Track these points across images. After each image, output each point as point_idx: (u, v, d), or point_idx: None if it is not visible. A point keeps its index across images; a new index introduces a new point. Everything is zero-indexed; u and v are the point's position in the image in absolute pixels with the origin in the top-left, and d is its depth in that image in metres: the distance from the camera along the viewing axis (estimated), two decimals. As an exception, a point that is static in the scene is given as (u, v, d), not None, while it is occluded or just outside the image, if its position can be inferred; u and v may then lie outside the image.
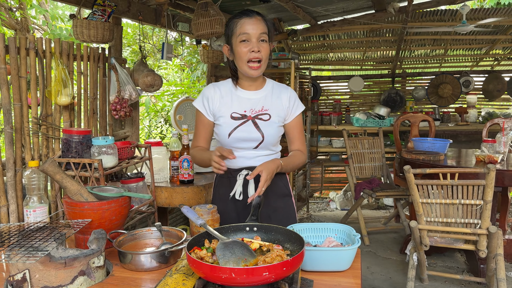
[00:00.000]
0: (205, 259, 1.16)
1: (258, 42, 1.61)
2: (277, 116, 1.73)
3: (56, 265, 1.20)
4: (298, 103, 1.80)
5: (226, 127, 1.69)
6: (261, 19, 1.63)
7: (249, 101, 1.72)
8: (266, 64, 1.68)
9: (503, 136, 3.44)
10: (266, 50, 1.63)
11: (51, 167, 1.52)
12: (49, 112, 2.42)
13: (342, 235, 1.47)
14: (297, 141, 1.81)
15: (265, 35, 1.62)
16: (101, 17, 2.59)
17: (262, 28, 1.61)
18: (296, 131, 1.80)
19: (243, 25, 1.60)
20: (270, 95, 1.75)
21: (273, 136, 1.72)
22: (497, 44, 5.50)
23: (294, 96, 1.80)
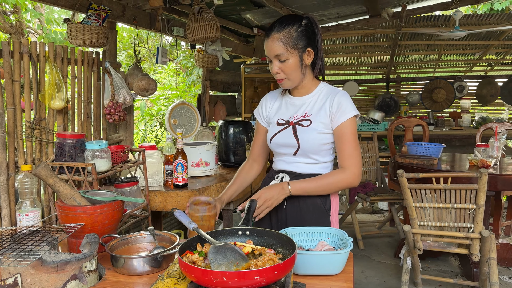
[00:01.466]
0: (197, 263, 1.16)
1: (277, 62, 1.58)
2: (319, 122, 1.62)
3: (48, 269, 1.20)
4: (346, 107, 1.59)
5: (270, 132, 1.73)
6: (276, 37, 1.55)
7: (294, 107, 1.69)
8: (298, 75, 1.61)
9: (496, 140, 3.46)
10: (289, 67, 1.58)
11: (44, 171, 1.52)
12: (42, 116, 2.42)
13: (335, 239, 1.47)
14: (342, 154, 1.60)
15: (284, 55, 1.55)
16: (96, 21, 2.60)
17: (277, 49, 1.55)
18: (342, 142, 1.60)
19: (265, 47, 1.61)
20: (315, 100, 1.66)
21: (310, 143, 1.62)
22: (490, 49, 5.55)
23: (342, 100, 1.61)
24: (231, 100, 5.45)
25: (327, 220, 1.69)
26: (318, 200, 1.67)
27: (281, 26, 1.56)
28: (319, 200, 1.67)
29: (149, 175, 2.65)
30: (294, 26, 1.56)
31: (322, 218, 1.67)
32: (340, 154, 1.62)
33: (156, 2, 2.98)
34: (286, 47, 1.55)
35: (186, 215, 1.38)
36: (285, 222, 1.69)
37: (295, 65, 1.58)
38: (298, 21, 1.58)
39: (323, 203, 1.68)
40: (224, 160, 3.26)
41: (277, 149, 1.73)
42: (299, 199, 1.66)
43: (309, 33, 1.58)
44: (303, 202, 1.67)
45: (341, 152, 1.61)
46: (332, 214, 1.71)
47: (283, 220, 1.70)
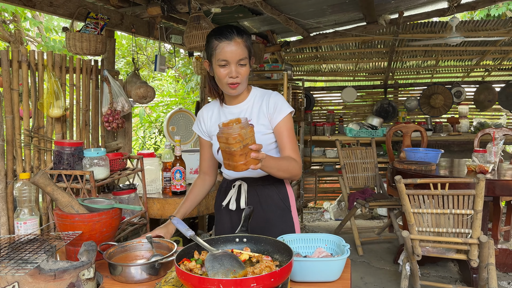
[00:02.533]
0: (194, 270, 1.16)
1: (237, 67, 1.59)
2: (261, 125, 1.67)
3: (46, 277, 1.20)
4: (282, 105, 1.66)
5: (215, 145, 1.73)
6: (241, 41, 1.58)
7: (233, 115, 1.71)
8: (247, 81, 1.67)
9: (493, 146, 3.47)
10: (245, 72, 1.61)
11: (42, 179, 1.52)
12: (41, 124, 2.42)
13: (332, 246, 1.47)
14: (286, 148, 1.66)
15: (245, 60, 1.59)
16: (94, 30, 2.62)
17: (241, 53, 1.58)
18: (283, 137, 1.66)
19: (222, 50, 1.57)
20: (253, 105, 1.71)
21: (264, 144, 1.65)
22: (487, 55, 5.58)
23: (277, 99, 1.68)
24: (230, 106, 5.45)
25: (289, 216, 1.77)
26: (278, 199, 1.75)
27: (240, 33, 1.60)
28: (279, 198, 1.75)
29: (147, 182, 2.65)
30: (248, 35, 1.63)
31: (285, 216, 1.76)
32: (282, 150, 1.67)
33: (154, 11, 3.00)
34: (247, 52, 1.61)
35: (183, 223, 1.38)
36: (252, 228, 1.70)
37: (248, 70, 1.62)
38: (247, 32, 1.65)
39: (283, 201, 1.76)
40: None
41: None
42: (261, 202, 1.72)
43: (251, 48, 1.65)
44: (265, 204, 1.73)
45: (283, 148, 1.67)
46: (293, 210, 1.79)
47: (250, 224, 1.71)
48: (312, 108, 6.11)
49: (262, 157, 1.33)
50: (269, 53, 5.23)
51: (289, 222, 1.77)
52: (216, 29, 1.63)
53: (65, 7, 2.53)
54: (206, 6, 3.09)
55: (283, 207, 1.77)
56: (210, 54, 1.63)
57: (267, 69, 4.57)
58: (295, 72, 6.23)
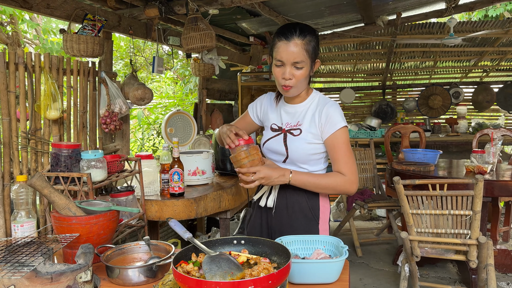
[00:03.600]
0: (192, 273, 1.15)
1: (292, 68, 1.55)
2: (309, 132, 1.63)
3: (43, 280, 1.19)
4: (334, 119, 1.60)
5: (264, 137, 1.77)
6: (300, 43, 1.53)
7: (288, 114, 1.70)
8: (304, 84, 1.62)
9: (492, 146, 3.48)
10: (301, 75, 1.56)
11: (39, 181, 1.51)
12: (38, 126, 2.42)
13: (331, 247, 1.47)
14: (338, 162, 1.61)
15: (302, 63, 1.54)
16: (91, 31, 2.61)
17: (298, 56, 1.53)
18: (334, 151, 1.61)
19: (279, 49, 1.55)
20: (307, 109, 1.67)
21: (299, 152, 1.64)
22: (485, 56, 5.59)
23: (331, 111, 1.61)
24: (228, 108, 5.46)
25: (315, 228, 1.71)
26: (307, 208, 1.69)
27: (303, 33, 1.54)
28: (307, 208, 1.69)
29: (145, 184, 2.65)
30: (313, 36, 1.57)
31: (310, 226, 1.70)
32: (334, 163, 1.64)
33: (151, 12, 3.00)
34: (306, 55, 1.55)
35: (181, 225, 1.38)
36: (274, 230, 1.74)
37: (306, 74, 1.58)
38: (314, 32, 1.59)
39: (311, 210, 1.70)
40: (221, 168, 3.26)
41: (268, 154, 1.76)
42: (287, 207, 1.70)
43: (318, 46, 1.61)
44: (291, 209, 1.70)
45: (335, 162, 1.63)
46: (321, 222, 1.72)
47: (273, 227, 1.75)
48: (310, 109, 6.10)
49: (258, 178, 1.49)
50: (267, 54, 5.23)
51: (314, 233, 1.69)
52: (281, 27, 1.60)
53: (62, 9, 2.52)
54: (203, 8, 3.09)
55: (310, 217, 1.70)
56: (271, 52, 1.62)
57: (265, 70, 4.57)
58: (293, 74, 6.23)
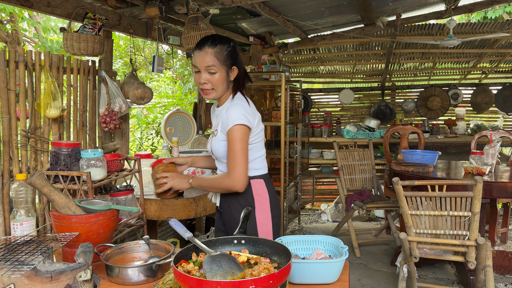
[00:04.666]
0: (192, 272, 1.15)
1: (206, 74, 1.72)
2: (221, 132, 1.76)
3: (42, 279, 1.19)
4: (231, 117, 1.69)
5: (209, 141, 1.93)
6: (210, 51, 1.70)
7: (215, 117, 1.88)
8: (222, 88, 1.76)
9: (490, 148, 3.48)
10: (216, 80, 1.72)
11: (38, 180, 1.51)
12: (38, 125, 2.41)
13: (330, 247, 1.47)
14: (227, 160, 1.72)
15: (213, 68, 1.70)
16: (92, 30, 2.61)
17: (209, 61, 1.70)
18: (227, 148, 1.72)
19: (195, 58, 1.73)
20: (222, 111, 1.79)
21: (218, 150, 1.79)
22: (484, 57, 5.60)
23: (230, 110, 1.71)
24: (227, 108, 5.45)
25: (252, 215, 1.80)
26: (242, 199, 1.81)
27: (214, 43, 1.71)
28: (243, 199, 1.81)
29: (144, 184, 2.64)
30: (225, 45, 1.73)
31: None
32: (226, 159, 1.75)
33: (152, 11, 3.00)
34: (217, 61, 1.71)
35: (181, 224, 1.38)
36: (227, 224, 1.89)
37: (221, 79, 1.73)
38: (228, 42, 1.75)
39: (246, 201, 1.81)
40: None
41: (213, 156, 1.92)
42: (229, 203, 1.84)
43: (234, 54, 1.76)
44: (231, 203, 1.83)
45: (227, 158, 1.74)
46: (258, 211, 1.81)
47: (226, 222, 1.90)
48: (309, 109, 6.11)
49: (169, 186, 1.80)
50: (267, 55, 5.23)
51: (251, 222, 1.80)
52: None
53: (63, 7, 2.52)
54: (204, 7, 3.08)
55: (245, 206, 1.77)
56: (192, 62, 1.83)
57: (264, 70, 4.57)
58: (292, 74, 6.23)
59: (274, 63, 5.61)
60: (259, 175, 1.83)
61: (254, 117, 1.75)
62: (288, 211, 4.64)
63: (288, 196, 4.58)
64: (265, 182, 1.84)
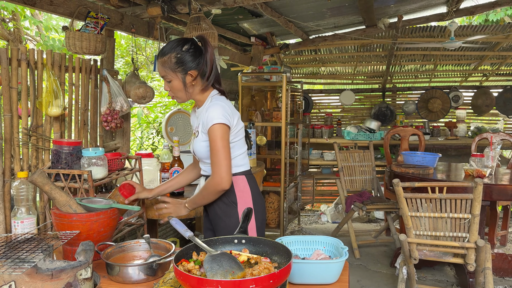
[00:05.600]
0: (193, 271, 1.16)
1: (165, 83, 1.77)
2: (202, 132, 1.77)
3: (43, 277, 1.20)
4: (210, 116, 1.69)
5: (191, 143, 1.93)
6: (161, 61, 1.72)
7: (195, 119, 1.90)
8: (183, 93, 1.76)
9: (491, 150, 3.49)
10: (173, 87, 1.75)
11: (40, 178, 1.52)
12: (39, 123, 2.42)
13: (330, 248, 1.48)
14: (210, 160, 1.71)
15: (167, 77, 1.73)
16: (94, 29, 2.61)
17: (161, 72, 1.74)
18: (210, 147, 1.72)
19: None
20: (201, 112, 1.79)
21: (200, 152, 1.80)
22: (485, 60, 5.60)
23: (210, 110, 1.71)
24: (228, 108, 5.45)
25: (234, 211, 1.82)
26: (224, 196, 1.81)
27: (162, 53, 1.73)
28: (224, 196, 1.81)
29: (145, 183, 2.65)
30: (174, 52, 1.71)
31: (230, 211, 1.82)
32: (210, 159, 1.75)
33: (154, 11, 3.00)
34: (167, 70, 1.72)
35: (182, 224, 1.38)
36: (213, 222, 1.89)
37: (178, 85, 1.74)
38: (179, 46, 1.71)
39: (228, 197, 1.82)
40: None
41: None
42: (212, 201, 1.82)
43: (188, 57, 1.71)
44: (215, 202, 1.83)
45: (210, 158, 1.73)
46: (240, 207, 1.82)
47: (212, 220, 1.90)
48: (310, 110, 6.12)
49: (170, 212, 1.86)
50: (268, 55, 5.23)
51: (234, 217, 1.81)
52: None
53: (65, 6, 2.52)
54: (206, 7, 3.09)
55: (228, 203, 1.82)
56: None
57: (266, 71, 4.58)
58: (293, 75, 6.24)
59: (275, 64, 5.62)
60: (240, 172, 1.83)
61: (233, 116, 1.74)
62: (288, 211, 4.64)
63: (288, 196, 4.58)
64: (246, 178, 1.85)
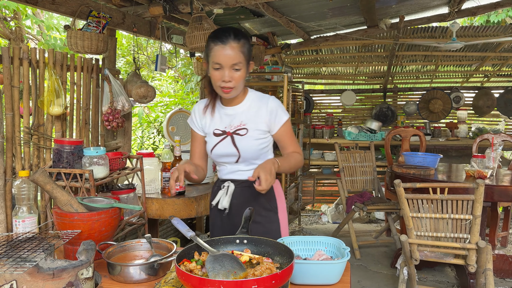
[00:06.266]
0: (195, 271, 1.16)
1: (230, 71, 1.59)
2: (256, 130, 1.71)
3: (44, 276, 1.19)
4: (280, 113, 1.72)
5: (209, 144, 1.78)
6: (236, 46, 1.58)
7: (228, 117, 1.74)
8: (242, 85, 1.67)
9: (492, 151, 3.48)
10: (240, 77, 1.61)
11: (41, 177, 1.51)
12: (41, 122, 2.42)
13: (332, 249, 1.47)
14: (290, 146, 1.76)
15: (240, 65, 1.60)
16: (96, 28, 2.61)
17: (235, 58, 1.58)
18: (285, 138, 1.76)
19: (216, 53, 1.58)
20: (248, 109, 1.73)
21: (250, 151, 1.71)
22: (487, 61, 5.60)
23: (275, 107, 1.72)
24: (229, 108, 5.45)
25: (275, 217, 1.80)
26: (264, 201, 1.77)
27: (238, 37, 1.59)
28: (265, 200, 1.77)
29: (146, 182, 2.65)
30: (246, 40, 1.63)
31: (271, 217, 1.79)
32: (286, 147, 1.77)
33: (156, 10, 3.00)
34: (243, 57, 1.60)
35: (183, 223, 1.38)
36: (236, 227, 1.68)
37: (243, 75, 1.64)
38: (246, 36, 1.66)
39: (269, 202, 1.79)
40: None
41: (218, 159, 1.79)
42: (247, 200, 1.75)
43: (251, 49, 1.67)
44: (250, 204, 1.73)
45: (287, 147, 1.77)
46: (280, 211, 1.81)
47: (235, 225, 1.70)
48: (311, 110, 6.11)
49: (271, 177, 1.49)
50: (269, 55, 5.23)
51: (275, 223, 1.79)
52: (214, 31, 1.64)
53: (67, 5, 2.52)
54: (208, 7, 3.09)
55: (269, 208, 1.79)
56: (207, 56, 1.64)
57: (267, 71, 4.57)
58: (295, 75, 6.23)
59: (276, 64, 5.61)
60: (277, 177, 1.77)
61: None
62: (289, 212, 4.64)
63: (289, 197, 4.58)
64: (279, 182, 1.83)
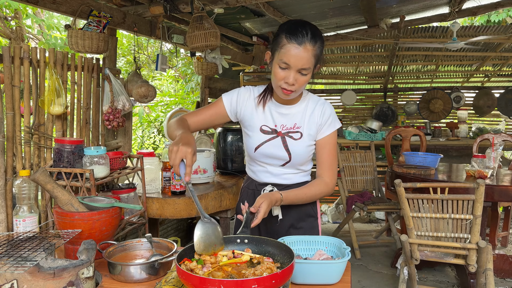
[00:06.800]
0: (195, 271, 1.16)
1: (297, 74, 1.44)
2: (309, 134, 1.59)
3: (45, 275, 1.20)
4: (332, 120, 1.59)
5: (254, 140, 1.61)
6: (310, 49, 1.42)
7: (282, 116, 1.60)
8: (304, 88, 1.55)
9: (492, 151, 3.48)
10: (304, 81, 1.47)
11: (42, 176, 1.51)
12: (41, 122, 2.42)
13: (333, 248, 1.47)
14: (323, 165, 1.60)
15: (308, 70, 1.44)
16: (96, 28, 2.61)
17: (306, 63, 1.42)
18: (324, 152, 1.60)
19: (288, 53, 1.42)
20: (304, 111, 1.60)
21: (302, 156, 1.61)
22: (487, 61, 5.60)
23: (329, 112, 1.59)
24: (230, 107, 5.44)
25: (315, 223, 1.73)
26: (309, 207, 1.70)
27: (314, 39, 1.43)
28: (310, 207, 1.71)
29: (147, 182, 2.65)
30: (322, 41, 1.47)
31: (312, 222, 1.72)
32: (320, 164, 1.61)
33: (156, 10, 3.00)
34: (314, 61, 1.46)
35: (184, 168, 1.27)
36: (277, 233, 1.66)
37: (308, 79, 1.50)
38: (322, 36, 1.49)
39: (312, 209, 1.72)
40: (222, 167, 3.26)
41: (262, 159, 1.64)
42: (292, 209, 1.65)
43: (323, 49, 1.50)
44: (295, 211, 1.67)
45: (322, 163, 1.61)
46: (318, 217, 1.76)
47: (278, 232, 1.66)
48: (311, 110, 6.11)
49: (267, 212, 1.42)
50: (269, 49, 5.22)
51: (315, 229, 1.71)
52: (290, 24, 1.46)
53: (68, 4, 2.52)
54: (209, 7, 3.09)
55: (312, 214, 1.71)
56: (275, 49, 1.48)
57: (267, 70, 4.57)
58: (295, 74, 6.23)
59: (277, 64, 5.60)
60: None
61: None
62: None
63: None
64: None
